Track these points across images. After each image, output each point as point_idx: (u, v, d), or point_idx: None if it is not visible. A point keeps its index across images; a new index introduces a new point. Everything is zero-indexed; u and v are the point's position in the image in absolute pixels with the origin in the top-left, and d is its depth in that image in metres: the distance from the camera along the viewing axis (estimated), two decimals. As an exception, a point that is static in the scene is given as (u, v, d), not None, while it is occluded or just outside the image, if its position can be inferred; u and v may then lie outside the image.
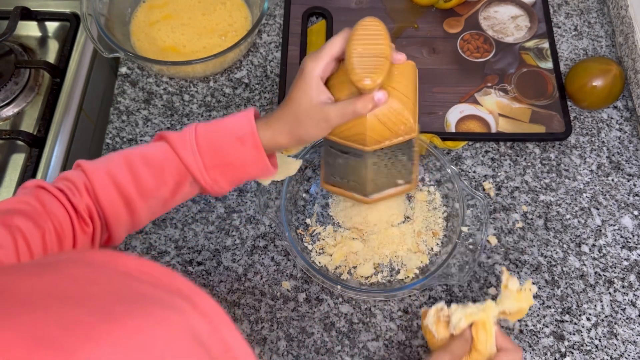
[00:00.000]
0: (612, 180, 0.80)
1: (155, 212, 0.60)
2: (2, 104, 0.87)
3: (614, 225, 0.77)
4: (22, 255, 0.48)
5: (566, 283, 0.73)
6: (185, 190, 0.59)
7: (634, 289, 0.73)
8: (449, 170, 0.74)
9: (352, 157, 0.63)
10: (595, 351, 0.69)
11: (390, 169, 0.66)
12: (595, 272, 0.74)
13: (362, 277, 0.72)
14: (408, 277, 0.72)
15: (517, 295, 0.60)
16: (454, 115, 0.83)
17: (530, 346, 0.70)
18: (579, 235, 0.76)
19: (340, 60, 0.58)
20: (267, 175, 0.61)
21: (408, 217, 0.76)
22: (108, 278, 0.34)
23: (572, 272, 0.74)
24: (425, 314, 0.61)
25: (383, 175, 0.67)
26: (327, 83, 0.58)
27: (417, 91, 0.61)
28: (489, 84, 0.85)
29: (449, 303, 0.60)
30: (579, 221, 0.77)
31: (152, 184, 0.57)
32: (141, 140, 0.84)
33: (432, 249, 0.74)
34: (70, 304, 0.30)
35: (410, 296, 0.72)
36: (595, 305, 0.72)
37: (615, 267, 0.74)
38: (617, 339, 0.70)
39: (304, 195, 0.78)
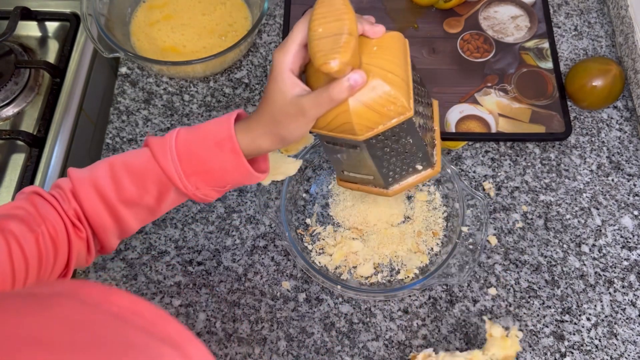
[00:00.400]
0: (612, 180, 0.80)
1: (144, 220, 0.59)
2: (2, 104, 0.87)
3: (614, 225, 0.77)
4: (16, 258, 0.48)
5: (566, 283, 0.73)
6: (171, 198, 0.58)
7: (634, 289, 0.73)
8: (449, 170, 0.74)
9: (350, 149, 0.57)
10: (595, 351, 0.69)
11: (402, 155, 0.59)
12: (595, 272, 0.74)
13: (362, 277, 0.72)
14: (408, 277, 0.72)
15: (502, 343, 0.60)
16: (454, 116, 0.82)
17: (530, 346, 0.70)
18: (579, 235, 0.76)
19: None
20: (253, 181, 0.58)
21: (408, 217, 0.76)
22: (99, 321, 0.33)
23: (572, 272, 0.74)
24: (414, 359, 0.62)
25: (396, 163, 0.60)
26: (305, 73, 0.55)
27: (409, 65, 0.54)
28: (489, 84, 0.85)
29: (436, 349, 0.60)
30: (579, 221, 0.77)
31: (134, 192, 0.56)
32: (141, 140, 0.84)
33: (432, 249, 0.74)
34: (56, 353, 0.29)
35: (410, 296, 0.72)
36: (595, 305, 0.72)
37: (615, 267, 0.74)
38: (617, 339, 0.70)
39: (304, 195, 0.78)
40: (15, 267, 0.48)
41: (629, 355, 0.69)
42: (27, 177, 0.81)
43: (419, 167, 0.62)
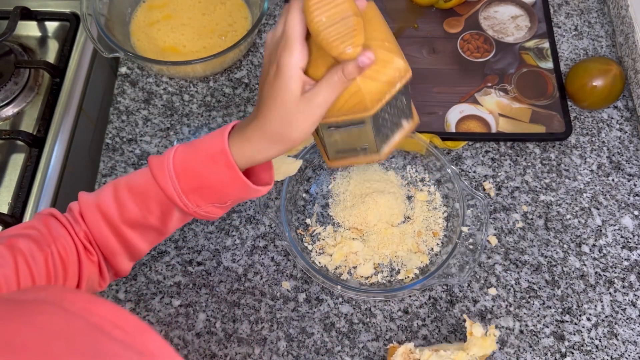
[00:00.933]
0: (613, 180, 0.80)
1: (153, 241, 0.59)
2: (2, 104, 0.87)
3: (614, 225, 0.77)
4: (23, 276, 0.48)
5: (566, 283, 0.73)
6: (175, 217, 0.57)
7: (634, 289, 0.73)
8: (449, 170, 0.74)
9: (354, 127, 0.56)
10: (596, 351, 0.69)
11: (394, 116, 0.59)
12: (596, 272, 0.74)
13: (362, 277, 0.72)
14: (408, 277, 0.72)
15: (482, 342, 0.61)
16: (454, 115, 0.82)
17: (530, 346, 0.69)
18: (579, 236, 0.76)
19: (307, 37, 0.51)
20: (254, 195, 0.56)
21: (408, 217, 0.76)
22: (77, 331, 0.33)
23: (573, 272, 0.74)
24: (393, 351, 0.62)
25: (388, 126, 0.60)
26: None
27: (389, 28, 0.54)
28: (489, 84, 0.85)
29: (420, 343, 0.60)
30: (579, 221, 0.77)
31: (137, 213, 0.55)
32: (141, 140, 0.84)
33: (432, 249, 0.74)
34: (27, 359, 0.29)
35: (410, 296, 0.72)
36: (596, 306, 0.72)
37: (615, 267, 0.74)
38: (618, 339, 0.70)
39: (304, 195, 0.78)
40: (21, 285, 0.48)
41: (629, 355, 0.69)
42: (27, 177, 0.81)
43: (405, 123, 0.62)
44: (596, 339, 0.70)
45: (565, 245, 0.75)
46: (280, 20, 0.51)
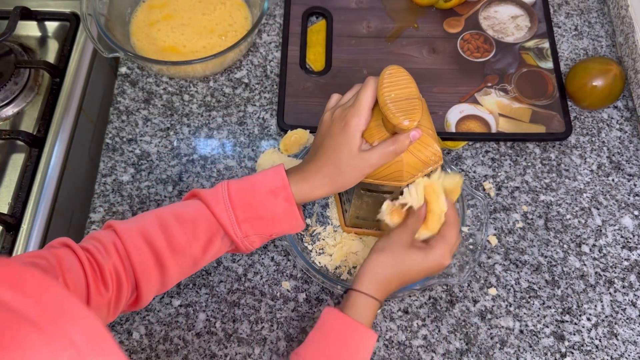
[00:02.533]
0: (613, 180, 0.80)
1: (185, 272, 0.60)
2: (2, 104, 0.87)
3: (614, 225, 0.77)
4: None
5: (566, 283, 0.73)
6: (216, 247, 0.60)
7: (634, 289, 0.73)
8: (449, 170, 0.74)
9: (382, 195, 0.65)
10: (596, 351, 0.69)
11: None
12: (596, 272, 0.74)
13: (362, 277, 0.72)
14: (408, 277, 0.72)
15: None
16: (454, 115, 0.82)
17: (530, 346, 0.69)
18: (579, 235, 0.76)
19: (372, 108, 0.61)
20: (294, 230, 0.62)
21: (408, 217, 0.76)
22: None
23: (573, 272, 0.74)
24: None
25: None
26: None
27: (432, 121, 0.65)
28: (489, 84, 0.85)
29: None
30: (579, 221, 0.77)
31: (184, 240, 0.58)
32: (141, 140, 0.84)
33: (432, 249, 0.74)
34: None
35: (410, 296, 0.72)
36: (596, 306, 0.72)
37: (615, 267, 0.74)
38: (618, 339, 0.70)
39: (304, 195, 0.78)
40: None
41: (629, 355, 0.69)
42: (27, 177, 0.81)
43: None
44: (596, 339, 0.70)
45: (565, 245, 0.76)
46: (350, 92, 0.62)
